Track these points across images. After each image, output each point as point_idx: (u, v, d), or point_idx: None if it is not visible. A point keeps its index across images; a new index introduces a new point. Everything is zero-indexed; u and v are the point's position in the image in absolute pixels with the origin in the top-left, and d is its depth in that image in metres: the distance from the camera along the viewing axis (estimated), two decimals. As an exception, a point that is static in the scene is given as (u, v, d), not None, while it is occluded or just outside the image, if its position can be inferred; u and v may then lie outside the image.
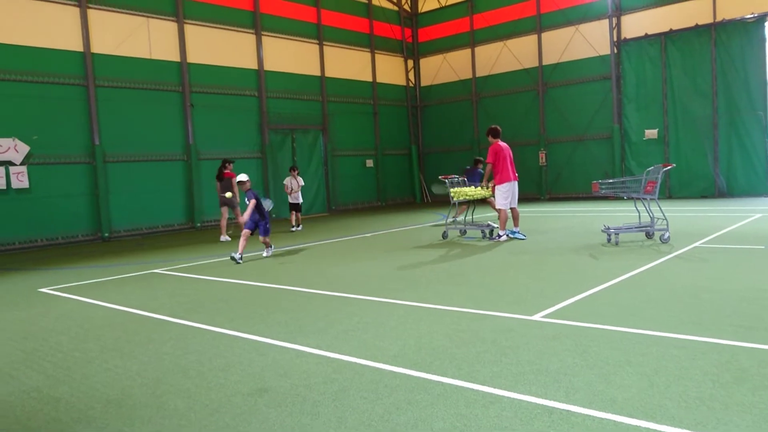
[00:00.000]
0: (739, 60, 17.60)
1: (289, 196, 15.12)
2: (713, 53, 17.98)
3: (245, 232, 10.40)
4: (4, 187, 13.68)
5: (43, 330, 5.88)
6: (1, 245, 13.77)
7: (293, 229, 14.93)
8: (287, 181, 15.14)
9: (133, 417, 3.57)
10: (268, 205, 10.98)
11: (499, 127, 11.07)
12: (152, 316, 6.21)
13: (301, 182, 15.20)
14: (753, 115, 17.49)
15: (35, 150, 14.22)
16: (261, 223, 10.51)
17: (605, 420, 3.13)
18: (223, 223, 13.72)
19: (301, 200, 15.29)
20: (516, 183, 10.87)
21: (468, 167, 14.37)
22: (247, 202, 10.40)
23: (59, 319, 6.36)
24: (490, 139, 10.96)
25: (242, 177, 10.81)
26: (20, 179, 13.90)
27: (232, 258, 9.92)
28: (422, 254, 9.69)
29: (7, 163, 13.73)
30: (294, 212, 15.10)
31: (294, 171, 15.27)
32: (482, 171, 14.26)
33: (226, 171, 13.57)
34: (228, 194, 12.68)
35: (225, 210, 13.66)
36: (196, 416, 3.53)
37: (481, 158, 14.80)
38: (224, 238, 13.46)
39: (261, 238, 10.57)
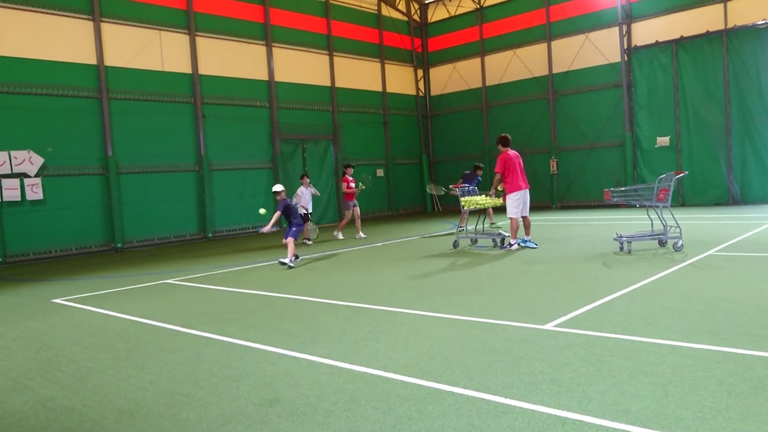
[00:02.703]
0: (752, 66, 17.48)
1: (299, 207, 14.23)
2: (725, 60, 17.86)
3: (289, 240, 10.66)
4: (19, 199, 13.84)
5: (57, 340, 5.93)
6: (16, 256, 13.92)
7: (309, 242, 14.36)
8: (300, 190, 14.41)
9: (146, 427, 3.58)
10: None
11: (509, 136, 11.01)
12: (165, 327, 6.24)
13: (314, 191, 14.61)
14: (767, 121, 17.34)
15: (49, 162, 14.40)
16: (290, 228, 10.75)
17: (619, 430, 3.09)
18: (358, 224, 15.21)
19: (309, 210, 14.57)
20: (527, 191, 10.82)
21: (467, 171, 14.42)
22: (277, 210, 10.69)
23: (73, 329, 6.41)
24: (500, 147, 10.92)
25: (276, 187, 11.07)
26: (35, 191, 14.06)
27: (282, 263, 10.31)
28: (434, 263, 9.67)
29: (22, 175, 13.90)
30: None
31: (304, 178, 14.64)
32: (481, 178, 14.36)
33: (344, 176, 15.11)
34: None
35: (348, 213, 15.12)
36: (208, 426, 3.53)
37: (482, 165, 14.90)
38: (339, 234, 15.12)
39: (284, 240, 10.64)
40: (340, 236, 15.05)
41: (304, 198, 14.31)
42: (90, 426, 3.66)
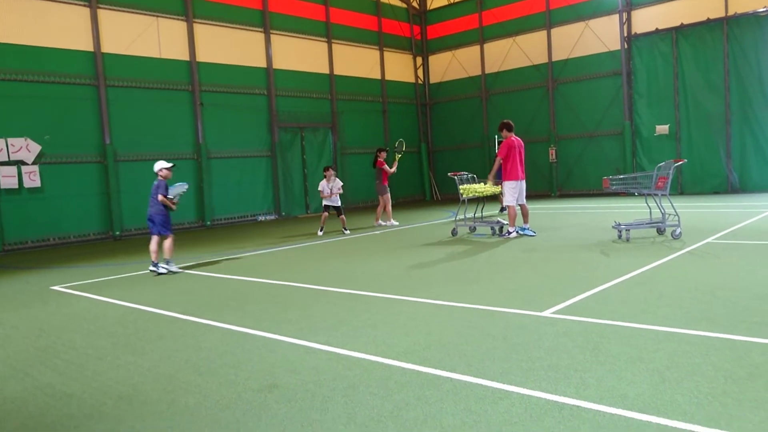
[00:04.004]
0: (752, 54, 17.41)
1: (324, 199, 13.65)
2: (726, 48, 17.79)
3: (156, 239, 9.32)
4: (17, 187, 13.81)
5: (56, 328, 5.93)
6: (14, 244, 13.91)
7: (346, 231, 13.53)
8: (322, 184, 13.75)
9: (145, 413, 3.59)
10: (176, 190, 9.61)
11: (512, 122, 10.97)
12: (163, 314, 6.25)
13: (340, 183, 13.86)
14: (767, 110, 17.30)
15: (47, 149, 14.34)
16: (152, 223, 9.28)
17: (616, 416, 3.11)
18: (379, 210, 14.79)
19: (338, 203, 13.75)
20: (523, 181, 10.78)
21: None
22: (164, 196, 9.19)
23: (72, 316, 6.41)
24: (505, 133, 10.84)
25: (158, 165, 9.28)
26: (32, 178, 14.02)
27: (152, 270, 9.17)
28: (432, 251, 9.68)
29: (20, 163, 13.86)
30: (333, 214, 13.69)
31: (328, 171, 13.77)
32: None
33: (378, 160, 14.62)
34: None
35: (381, 198, 14.66)
36: (206, 412, 3.54)
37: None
38: (389, 222, 14.72)
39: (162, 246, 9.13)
40: (395, 222, 14.80)
41: (330, 191, 13.51)
42: (89, 412, 3.67)
